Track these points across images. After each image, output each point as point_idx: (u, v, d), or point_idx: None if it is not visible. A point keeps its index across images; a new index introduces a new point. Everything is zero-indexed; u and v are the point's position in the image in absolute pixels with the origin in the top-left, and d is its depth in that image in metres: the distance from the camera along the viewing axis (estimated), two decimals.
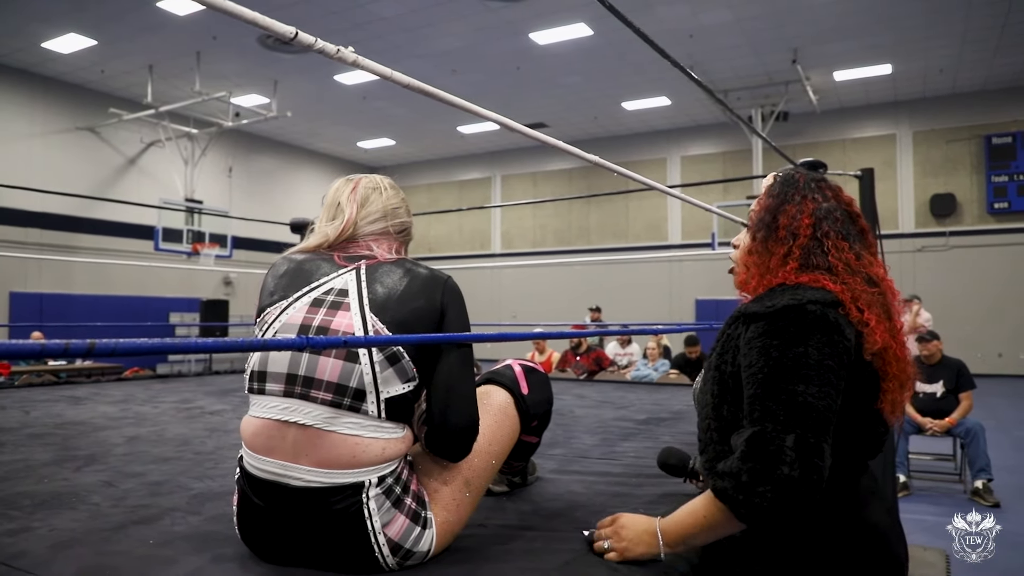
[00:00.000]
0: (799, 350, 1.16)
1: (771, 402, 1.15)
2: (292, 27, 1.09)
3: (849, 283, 1.25)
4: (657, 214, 14.80)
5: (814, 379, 1.14)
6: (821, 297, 1.21)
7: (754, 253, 1.36)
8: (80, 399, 3.85)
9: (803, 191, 1.34)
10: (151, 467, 2.14)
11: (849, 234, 1.32)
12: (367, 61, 1.24)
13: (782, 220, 1.33)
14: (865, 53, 10.56)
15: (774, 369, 1.16)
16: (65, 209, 11.41)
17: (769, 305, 1.22)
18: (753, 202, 1.45)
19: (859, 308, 1.23)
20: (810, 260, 1.29)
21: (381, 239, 1.43)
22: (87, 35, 9.85)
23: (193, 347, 0.84)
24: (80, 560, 1.29)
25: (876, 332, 1.22)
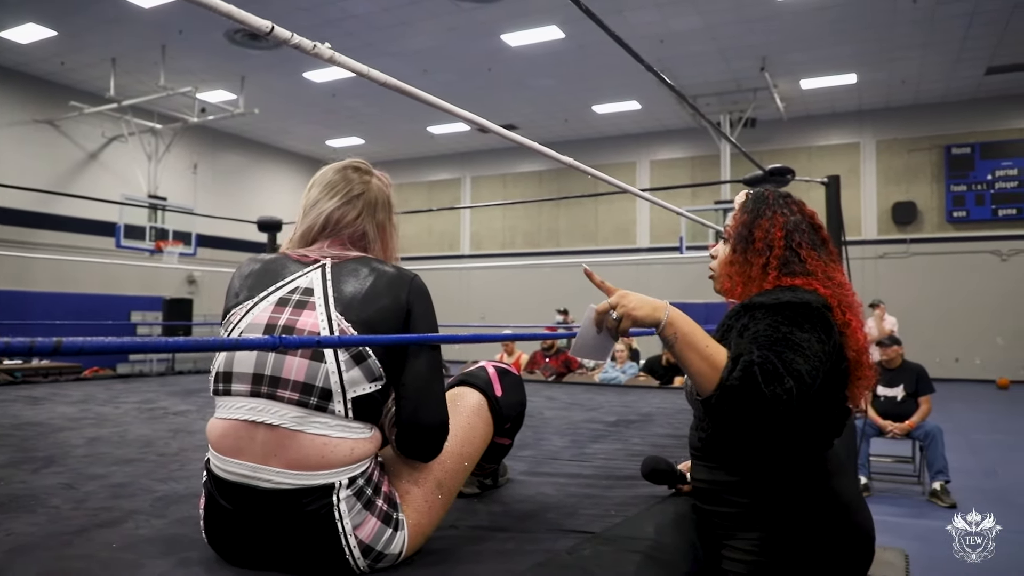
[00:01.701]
0: (805, 335, 1.29)
1: (770, 353, 1.24)
2: (269, 21, 1.07)
3: (831, 287, 1.43)
4: (626, 217, 14.91)
5: (811, 361, 1.27)
6: (815, 298, 1.37)
7: (735, 264, 1.53)
8: (38, 399, 3.75)
9: (773, 207, 1.52)
10: (113, 469, 2.08)
11: (815, 244, 1.50)
12: (343, 58, 1.23)
13: (757, 233, 1.49)
14: (831, 63, 10.77)
15: (781, 339, 1.27)
16: (23, 204, 11.11)
17: (775, 299, 1.37)
18: (722, 209, 1.60)
19: (842, 311, 1.41)
20: (789, 268, 1.45)
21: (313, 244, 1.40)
22: (47, 25, 9.61)
23: (163, 346, 0.82)
24: (40, 565, 1.25)
25: (857, 332, 1.42)
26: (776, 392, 1.20)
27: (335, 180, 1.44)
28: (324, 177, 1.45)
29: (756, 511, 1.42)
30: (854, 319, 1.42)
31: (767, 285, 1.45)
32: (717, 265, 1.61)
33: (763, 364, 1.22)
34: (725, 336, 1.44)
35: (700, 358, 1.27)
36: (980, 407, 9.77)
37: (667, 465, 1.77)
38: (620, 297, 1.36)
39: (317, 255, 1.35)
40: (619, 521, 1.57)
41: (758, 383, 1.20)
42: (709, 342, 1.29)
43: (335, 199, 1.41)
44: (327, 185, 1.43)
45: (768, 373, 1.21)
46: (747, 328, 1.37)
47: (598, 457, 2.38)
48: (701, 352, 1.27)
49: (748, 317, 1.39)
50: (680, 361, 1.30)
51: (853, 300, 1.46)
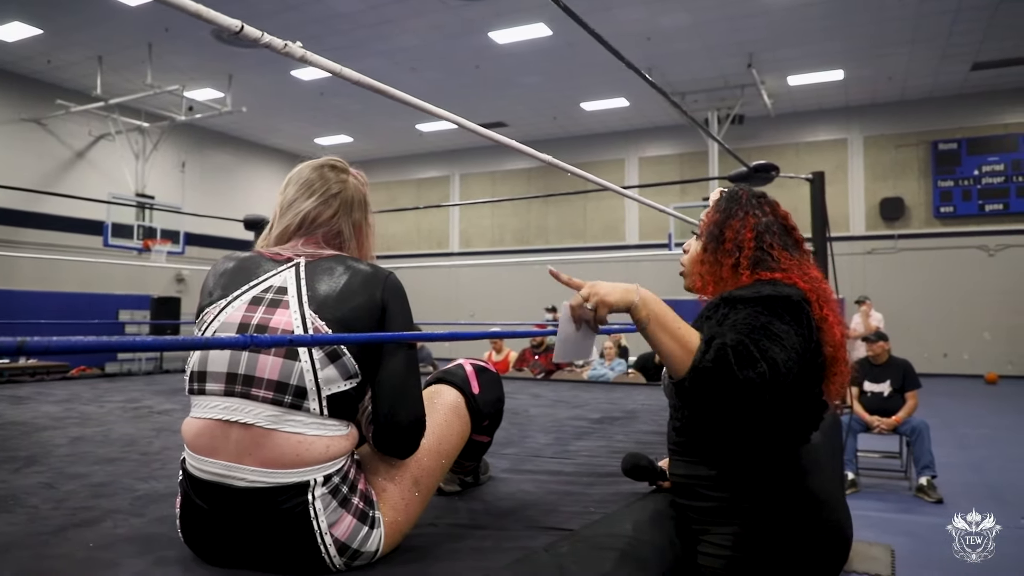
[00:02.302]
0: (784, 326, 1.31)
1: (746, 338, 1.24)
2: (238, 20, 1.07)
3: (808, 282, 1.44)
4: (615, 215, 14.94)
5: (788, 351, 1.28)
6: (795, 292, 1.38)
7: (705, 263, 1.54)
8: (22, 398, 3.73)
9: (745, 207, 1.53)
10: (95, 468, 2.08)
11: (787, 245, 1.52)
12: (316, 57, 1.23)
13: (728, 233, 1.51)
14: (818, 59, 10.82)
15: (759, 328, 1.28)
16: (9, 203, 11.03)
17: (756, 292, 1.38)
18: (704, 210, 1.63)
19: (820, 305, 1.43)
20: (762, 265, 1.47)
21: (287, 242, 1.40)
22: (33, 24, 9.54)
23: (131, 345, 0.82)
24: (17, 564, 1.25)
25: (834, 327, 1.43)
26: (749, 376, 1.20)
27: (312, 179, 1.44)
28: (300, 175, 1.45)
29: (730, 506, 1.44)
30: (831, 314, 1.44)
31: (741, 282, 1.46)
32: (688, 261, 1.63)
33: (736, 347, 1.22)
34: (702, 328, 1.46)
35: (673, 339, 1.27)
36: (968, 402, 9.85)
37: (648, 462, 1.78)
38: (590, 288, 1.36)
39: (291, 253, 1.35)
40: (598, 518, 1.58)
41: (731, 365, 1.20)
42: (681, 324, 1.29)
43: (312, 198, 1.41)
44: (304, 183, 1.43)
45: (741, 356, 1.22)
46: (727, 318, 1.38)
47: (581, 454, 2.39)
48: (674, 333, 1.28)
49: (728, 308, 1.40)
50: (653, 343, 1.30)
51: (831, 296, 1.48)
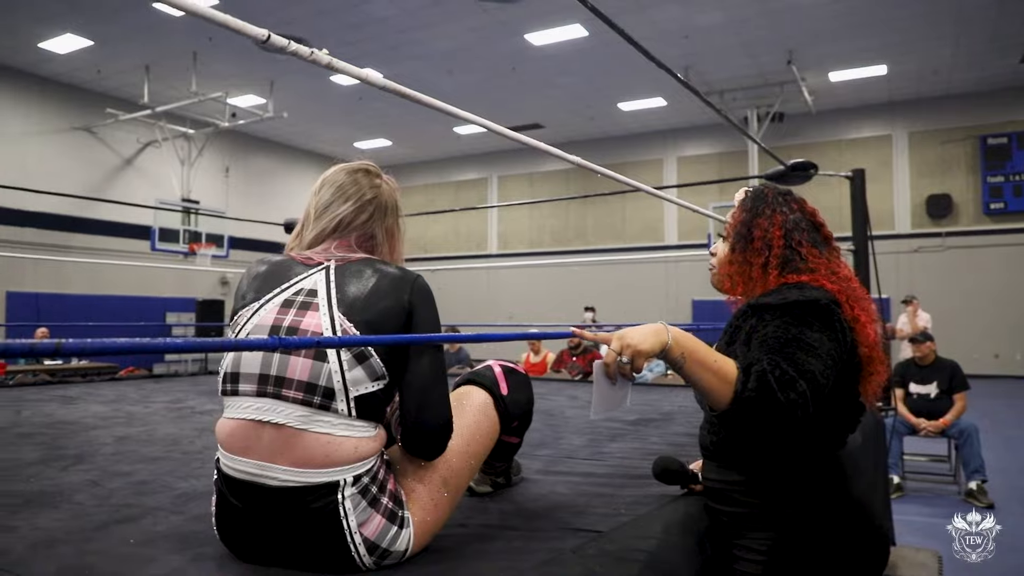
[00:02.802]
0: (816, 335, 1.30)
1: (782, 358, 1.24)
2: (265, 30, 1.10)
3: (837, 282, 1.42)
4: (653, 215, 14.82)
5: (823, 360, 1.27)
6: (825, 296, 1.36)
7: (734, 263, 1.52)
8: (72, 399, 3.85)
9: (772, 205, 1.51)
10: (138, 467, 2.14)
11: (816, 242, 1.49)
12: (341, 63, 1.25)
13: (756, 232, 1.48)
14: (860, 54, 10.59)
15: (792, 341, 1.28)
16: (61, 209, 11.40)
17: (782, 298, 1.36)
18: (729, 212, 1.60)
19: (851, 306, 1.39)
20: (791, 266, 1.45)
21: (318, 245, 1.42)
22: (83, 35, 9.85)
23: (163, 347, 0.84)
24: (61, 559, 1.30)
25: (867, 327, 1.40)
26: (791, 397, 1.20)
27: (347, 183, 1.46)
28: (335, 179, 1.47)
29: (764, 512, 1.42)
30: (863, 314, 1.41)
31: (770, 284, 1.45)
32: (716, 263, 1.60)
33: (774, 370, 1.22)
34: (733, 337, 1.45)
35: (711, 374, 1.26)
36: (1020, 404, 9.54)
37: (679, 465, 1.76)
38: (620, 340, 1.33)
39: (322, 257, 1.38)
40: (628, 521, 1.57)
41: (774, 391, 1.20)
42: (716, 356, 1.28)
43: (348, 203, 1.43)
44: (339, 188, 1.45)
45: (781, 379, 1.21)
46: (756, 330, 1.36)
47: (614, 456, 2.38)
48: (711, 367, 1.26)
49: (756, 318, 1.39)
50: (691, 379, 1.29)
51: (861, 294, 1.45)
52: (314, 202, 1.46)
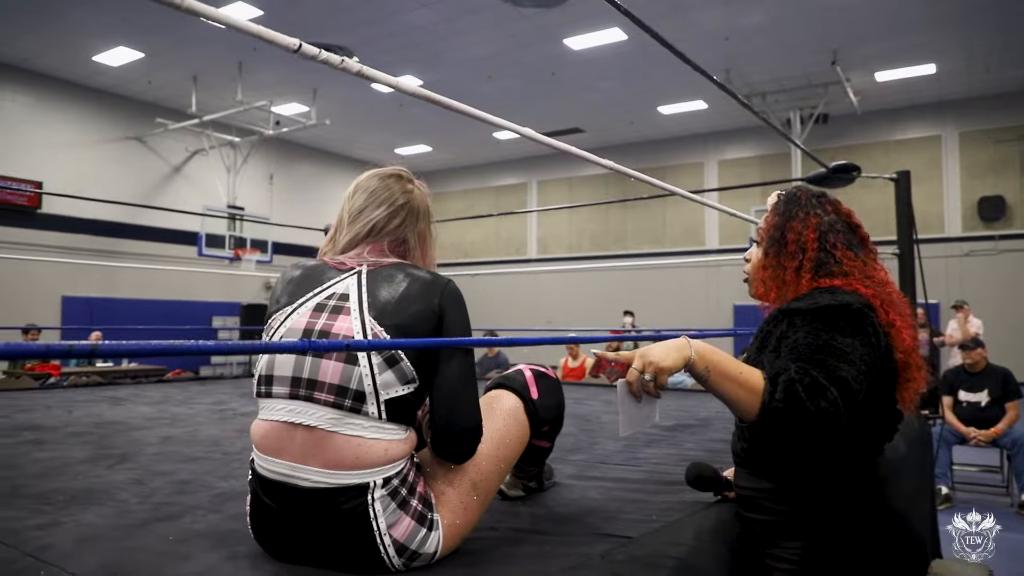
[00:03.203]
0: (848, 340, 1.27)
1: (812, 365, 1.23)
2: (296, 39, 1.12)
3: (872, 286, 1.39)
4: (694, 218, 14.66)
5: (856, 365, 1.25)
6: (858, 300, 1.33)
7: (768, 268, 1.50)
8: (121, 400, 3.97)
9: (805, 207, 1.48)
10: (180, 466, 2.20)
11: (852, 244, 1.46)
12: (371, 71, 1.28)
13: (789, 236, 1.46)
14: (907, 53, 10.33)
15: (823, 347, 1.26)
16: (113, 216, 11.76)
17: (813, 303, 1.34)
18: (762, 216, 1.58)
19: (885, 310, 1.36)
20: (824, 269, 1.42)
21: (351, 249, 1.44)
22: (135, 48, 10.16)
23: (195, 349, 0.87)
24: (102, 555, 1.34)
25: (903, 332, 1.37)
26: (822, 406, 1.18)
27: (379, 188, 1.48)
28: (369, 185, 1.49)
29: (797, 520, 1.39)
30: (899, 318, 1.38)
31: (802, 288, 1.42)
32: (751, 269, 1.59)
33: (803, 379, 1.20)
34: (764, 343, 1.42)
35: (737, 386, 1.25)
36: None
37: (712, 472, 1.74)
38: (642, 358, 1.32)
39: (355, 262, 1.40)
40: (659, 527, 1.56)
41: (802, 400, 1.18)
42: (742, 368, 1.27)
43: (381, 208, 1.45)
44: (372, 193, 1.47)
45: (810, 387, 1.19)
46: (786, 336, 1.34)
47: (649, 462, 2.36)
48: (737, 379, 1.25)
49: (787, 323, 1.37)
50: (717, 393, 1.28)
51: (897, 298, 1.42)
52: (347, 207, 1.48)
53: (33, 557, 1.32)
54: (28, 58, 10.54)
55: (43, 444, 2.55)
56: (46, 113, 11.29)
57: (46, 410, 3.49)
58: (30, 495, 1.80)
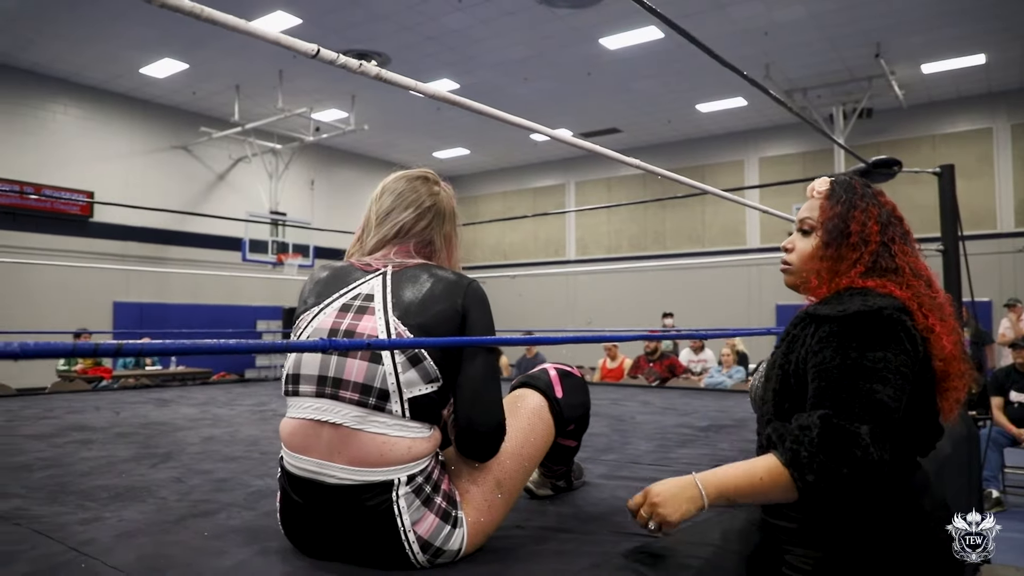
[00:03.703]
0: (879, 354, 1.20)
1: (847, 395, 1.19)
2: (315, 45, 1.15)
3: (914, 287, 1.32)
4: (735, 217, 14.46)
5: (892, 382, 1.19)
6: (891, 304, 1.25)
7: (826, 259, 1.39)
8: (166, 401, 4.09)
9: (865, 198, 1.40)
10: (219, 465, 2.26)
11: (906, 238, 1.40)
12: (389, 74, 1.30)
13: (853, 226, 1.37)
14: (955, 43, 10.03)
15: (853, 368, 1.20)
16: (161, 223, 12.09)
17: (841, 309, 1.26)
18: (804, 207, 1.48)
19: (924, 314, 1.29)
20: (878, 264, 1.34)
21: (378, 251, 1.46)
22: (180, 59, 10.43)
23: (218, 348, 0.90)
24: (140, 549, 1.39)
25: (942, 338, 1.28)
26: (857, 456, 1.13)
27: (407, 191, 1.50)
28: (396, 187, 1.52)
29: (812, 528, 1.33)
30: (939, 323, 1.29)
31: (842, 283, 1.35)
32: (797, 260, 1.46)
33: (827, 440, 1.15)
34: (791, 347, 1.35)
35: (761, 492, 1.20)
36: None
37: None
38: (650, 504, 1.25)
39: (380, 263, 1.42)
40: (687, 526, 1.55)
41: (836, 465, 1.13)
42: (757, 470, 1.21)
43: (409, 210, 1.48)
44: (399, 195, 1.49)
45: (839, 444, 1.14)
46: (814, 352, 1.27)
47: (680, 462, 2.35)
48: (756, 488, 1.20)
49: (813, 328, 1.31)
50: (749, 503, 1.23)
51: (938, 301, 1.33)
52: (375, 208, 1.51)
53: (77, 551, 1.37)
54: (79, 72, 10.90)
55: (91, 444, 2.64)
56: (96, 125, 11.67)
57: (95, 411, 3.61)
58: (76, 492, 1.87)
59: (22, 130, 10.72)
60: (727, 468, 1.25)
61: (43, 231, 10.72)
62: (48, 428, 3.02)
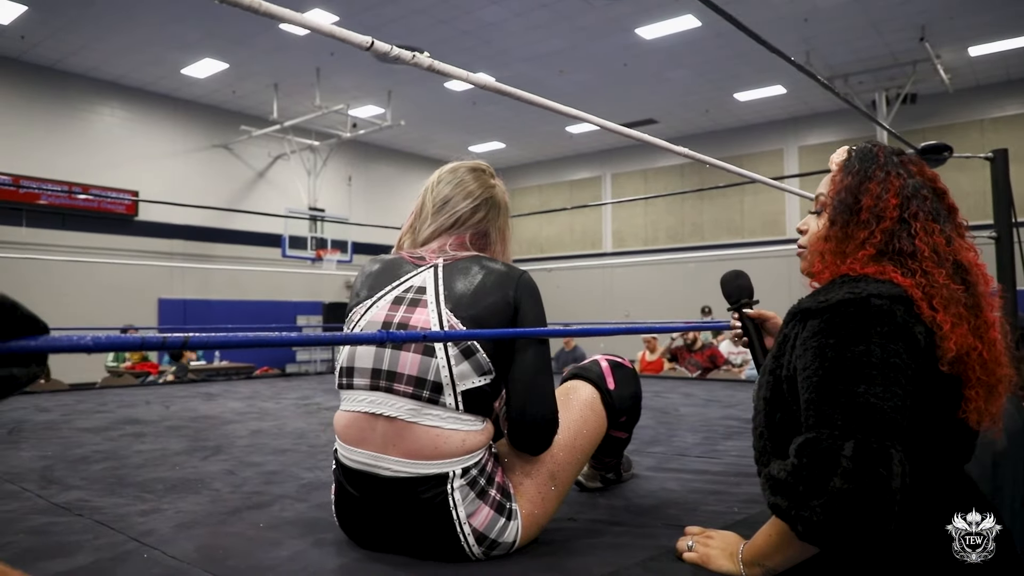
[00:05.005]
0: (859, 348, 1.02)
1: (827, 406, 1.02)
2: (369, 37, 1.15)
3: (930, 273, 1.10)
4: (774, 207, 14.22)
5: (878, 379, 1.00)
6: (886, 291, 1.07)
7: (831, 240, 1.20)
8: (213, 395, 4.16)
9: (885, 166, 1.19)
10: (269, 458, 2.29)
11: (939, 215, 1.17)
12: (442, 65, 1.29)
13: (865, 201, 1.17)
14: (1003, 24, 9.70)
15: (831, 370, 1.03)
16: (204, 221, 12.32)
17: (823, 300, 1.09)
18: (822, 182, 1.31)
19: (932, 306, 1.08)
20: (892, 245, 1.14)
21: (433, 240, 1.45)
22: (220, 59, 10.60)
23: (277, 341, 0.91)
24: (198, 540, 1.41)
25: (951, 337, 1.06)
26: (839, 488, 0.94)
27: (464, 181, 1.49)
28: (454, 177, 1.50)
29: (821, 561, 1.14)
30: (950, 319, 1.07)
31: (851, 263, 1.16)
32: (808, 240, 1.30)
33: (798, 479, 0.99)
34: (781, 349, 1.18)
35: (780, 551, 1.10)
36: None
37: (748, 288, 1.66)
38: (706, 536, 1.26)
39: (433, 255, 1.41)
40: (741, 519, 1.53)
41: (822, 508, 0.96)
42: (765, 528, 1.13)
43: (467, 201, 1.47)
44: (458, 185, 1.48)
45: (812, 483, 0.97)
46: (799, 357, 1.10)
47: (729, 454, 2.32)
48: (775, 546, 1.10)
49: (801, 327, 1.13)
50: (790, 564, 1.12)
51: (958, 294, 1.10)
52: (430, 197, 1.49)
53: (138, 541, 1.40)
54: (124, 74, 11.15)
55: (144, 437, 2.70)
56: (140, 125, 11.92)
57: (146, 405, 3.70)
58: (134, 483, 1.91)
59: (71, 132, 11.01)
60: (758, 533, 1.16)
61: (91, 230, 10.99)
62: (102, 422, 3.10)
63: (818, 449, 0.99)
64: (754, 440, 1.25)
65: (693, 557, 1.23)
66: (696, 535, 1.28)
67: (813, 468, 0.98)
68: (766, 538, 1.13)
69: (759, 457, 1.23)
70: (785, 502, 1.01)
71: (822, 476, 0.97)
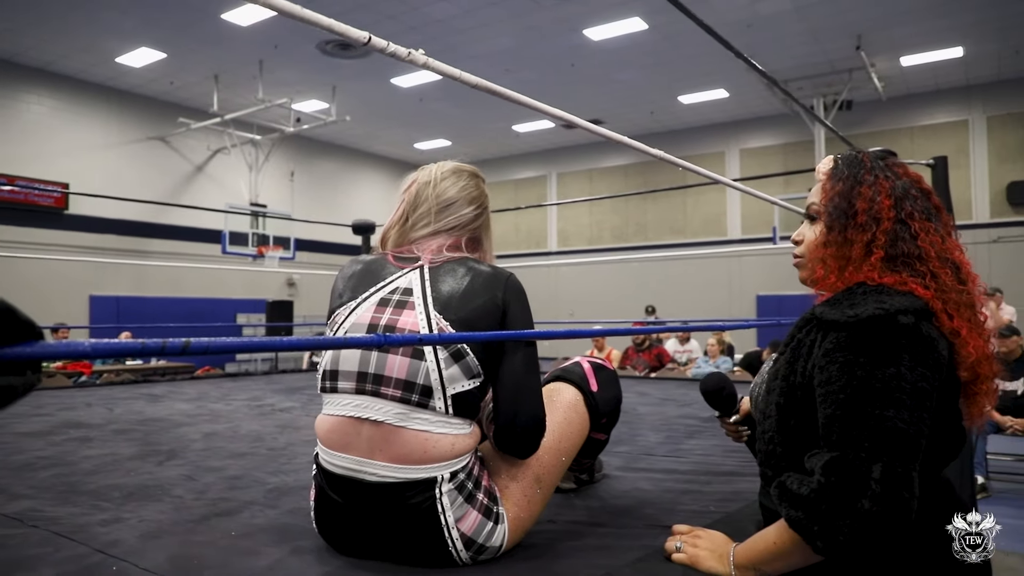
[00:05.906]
0: (891, 371, 1.04)
1: (855, 427, 1.04)
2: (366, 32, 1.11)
3: (939, 276, 1.14)
4: (716, 209, 14.55)
5: (907, 403, 1.03)
6: (911, 305, 1.09)
7: (831, 245, 1.22)
8: (158, 397, 4.01)
9: (873, 170, 1.22)
10: (228, 462, 2.21)
11: (931, 214, 1.20)
12: (436, 63, 1.27)
13: (859, 204, 1.19)
14: (934, 36, 10.15)
15: (860, 390, 1.05)
16: (139, 215, 11.88)
17: (852, 314, 1.08)
18: (812, 191, 1.33)
19: (949, 315, 1.12)
20: (897, 246, 1.16)
21: (430, 240, 1.41)
22: (157, 48, 10.23)
23: (279, 345, 0.87)
24: (169, 550, 1.35)
25: (969, 342, 1.12)
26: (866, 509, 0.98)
27: (467, 185, 1.47)
28: (459, 180, 1.47)
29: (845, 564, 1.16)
30: (965, 325, 1.12)
31: (861, 274, 1.18)
32: (805, 250, 1.31)
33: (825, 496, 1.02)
34: (796, 355, 1.19)
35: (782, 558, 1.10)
36: None
37: (730, 391, 1.58)
38: (695, 535, 1.26)
39: (428, 255, 1.38)
40: (720, 517, 1.55)
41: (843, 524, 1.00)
42: (768, 534, 1.13)
43: (471, 207, 1.46)
44: (462, 189, 1.46)
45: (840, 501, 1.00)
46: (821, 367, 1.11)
47: (694, 453, 2.35)
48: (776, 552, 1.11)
49: (820, 336, 1.14)
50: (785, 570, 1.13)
51: (967, 296, 1.16)
52: (432, 195, 1.44)
53: (103, 553, 1.33)
54: (53, 61, 10.65)
55: (90, 441, 2.58)
56: (71, 115, 11.41)
57: (87, 407, 3.53)
58: (87, 491, 1.82)
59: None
60: (756, 535, 1.16)
61: (17, 223, 10.48)
62: (42, 425, 2.95)
63: (847, 471, 1.02)
64: (760, 444, 1.26)
65: (682, 558, 1.24)
66: (684, 534, 1.29)
67: (841, 489, 1.01)
68: (767, 544, 1.12)
69: (766, 460, 1.23)
70: (806, 518, 1.04)
71: (850, 497, 1.00)
